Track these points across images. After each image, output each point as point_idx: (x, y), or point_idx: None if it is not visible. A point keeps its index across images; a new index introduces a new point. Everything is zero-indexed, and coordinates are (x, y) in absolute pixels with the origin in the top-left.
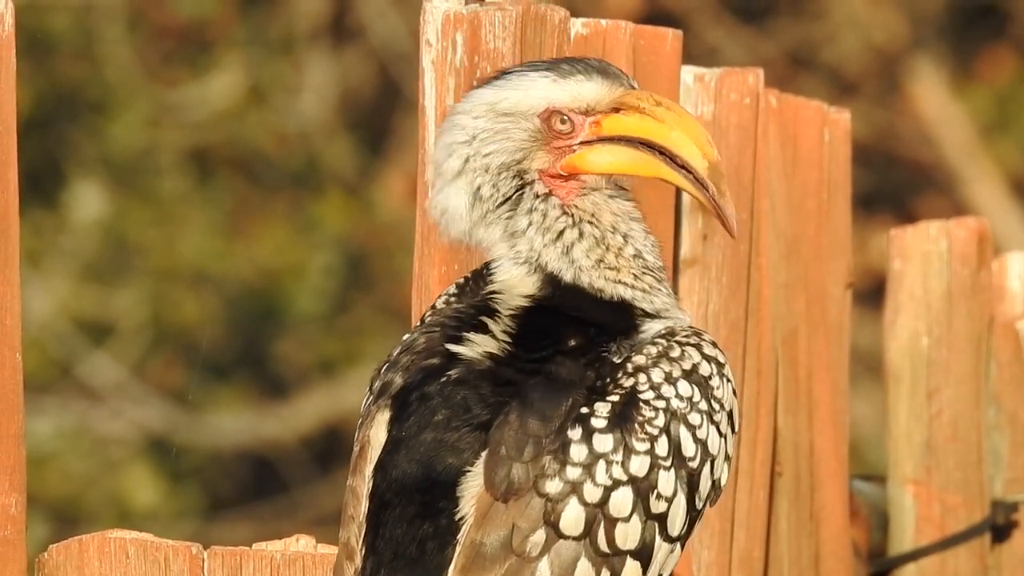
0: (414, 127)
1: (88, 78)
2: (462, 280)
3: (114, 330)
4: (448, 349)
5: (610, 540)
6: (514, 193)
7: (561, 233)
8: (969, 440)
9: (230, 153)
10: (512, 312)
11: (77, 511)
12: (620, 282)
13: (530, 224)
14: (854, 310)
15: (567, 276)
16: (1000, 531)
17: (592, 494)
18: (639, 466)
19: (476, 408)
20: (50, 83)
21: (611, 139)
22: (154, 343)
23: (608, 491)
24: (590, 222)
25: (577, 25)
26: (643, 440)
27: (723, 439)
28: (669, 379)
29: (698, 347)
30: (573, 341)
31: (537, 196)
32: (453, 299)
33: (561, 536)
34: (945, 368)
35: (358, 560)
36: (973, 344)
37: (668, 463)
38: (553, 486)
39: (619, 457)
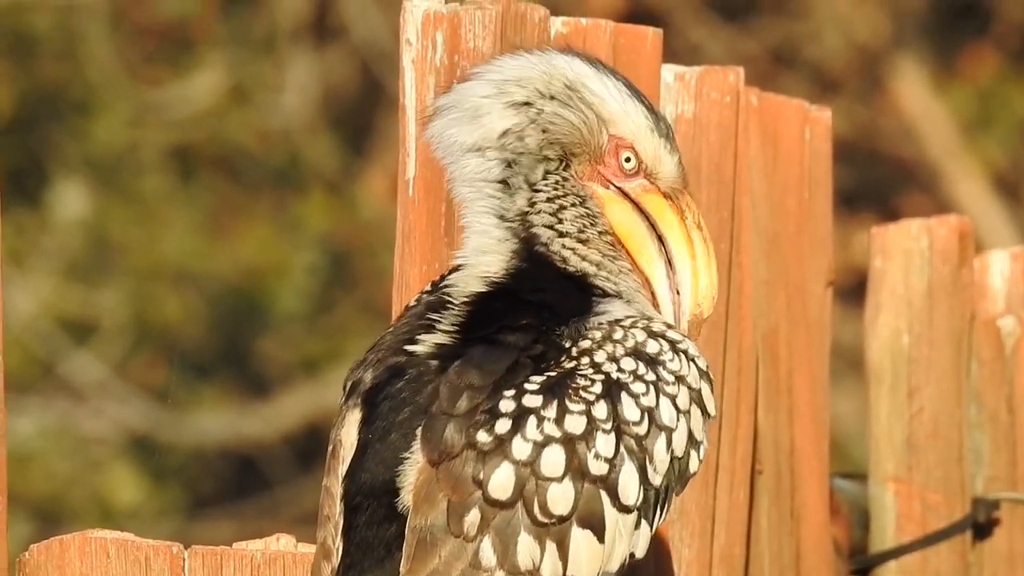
0: (396, 125)
1: (70, 77)
2: (438, 279)
3: (97, 329)
4: (406, 349)
5: (542, 504)
6: (549, 165)
7: (564, 196)
8: (950, 438)
9: (212, 152)
10: (466, 300)
11: (60, 510)
12: (586, 258)
13: (546, 179)
14: (836, 307)
15: (542, 239)
16: (981, 529)
17: (521, 450)
18: (574, 424)
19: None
20: (32, 83)
21: (641, 209)
22: (137, 342)
23: (539, 448)
24: (594, 200)
25: (557, 24)
26: (578, 402)
27: (683, 416)
28: (612, 358)
29: (646, 328)
30: (524, 320)
31: (563, 170)
32: (424, 296)
33: (491, 503)
34: (926, 366)
35: (335, 560)
36: (954, 342)
37: (608, 426)
38: (483, 439)
39: (551, 414)
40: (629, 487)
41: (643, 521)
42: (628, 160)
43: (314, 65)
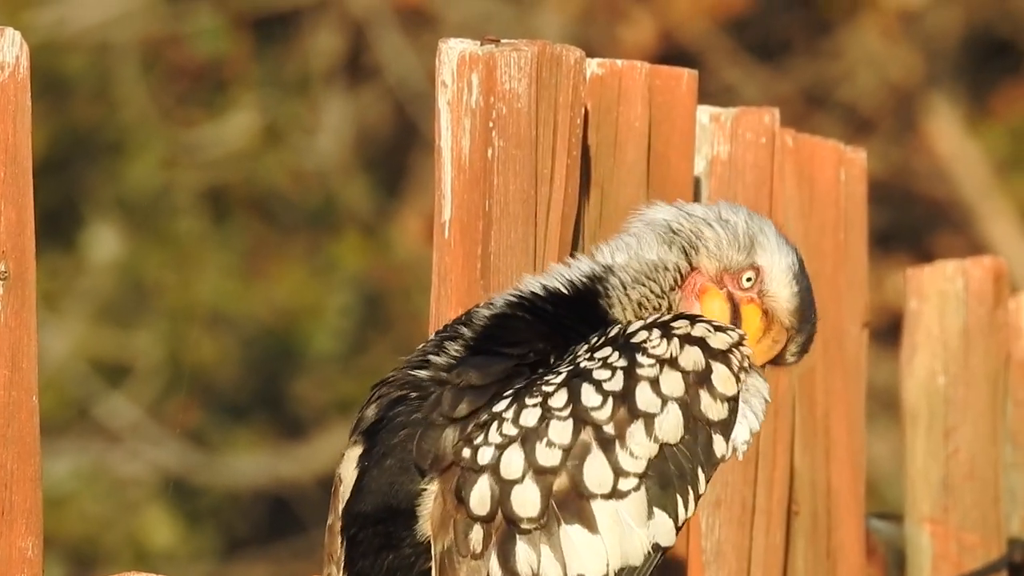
0: (430, 167)
1: (104, 119)
2: (450, 323)
3: (131, 371)
4: (411, 374)
5: (514, 509)
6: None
7: (651, 281)
8: (986, 478)
9: (246, 193)
10: (486, 317)
11: (95, 552)
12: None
13: (653, 265)
14: (871, 348)
15: (607, 282)
16: (1017, 569)
17: (485, 457)
18: (529, 418)
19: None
20: (66, 124)
21: (736, 314)
22: (170, 384)
23: (499, 450)
24: (671, 305)
25: (592, 65)
26: (536, 396)
27: (674, 402)
28: (590, 349)
29: (651, 324)
30: (529, 334)
31: (679, 273)
32: (438, 334)
33: (477, 520)
34: (962, 407)
35: None
36: (990, 382)
37: (565, 414)
38: (467, 454)
39: (510, 415)
40: (599, 474)
41: (656, 509)
42: (749, 280)
43: (348, 106)
